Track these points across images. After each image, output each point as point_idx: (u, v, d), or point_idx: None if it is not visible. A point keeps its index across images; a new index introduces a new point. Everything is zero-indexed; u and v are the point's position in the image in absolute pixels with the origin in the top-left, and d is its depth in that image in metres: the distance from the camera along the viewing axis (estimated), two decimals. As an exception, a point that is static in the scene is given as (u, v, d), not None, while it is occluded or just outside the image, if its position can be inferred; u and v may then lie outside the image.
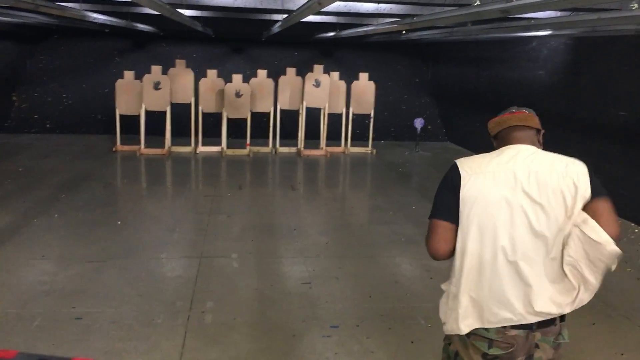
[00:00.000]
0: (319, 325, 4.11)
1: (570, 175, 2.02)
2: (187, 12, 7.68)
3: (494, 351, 2.04)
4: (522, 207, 2.00)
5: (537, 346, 2.08)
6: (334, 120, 11.51)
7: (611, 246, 1.96)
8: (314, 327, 4.07)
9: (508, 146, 2.15)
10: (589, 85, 8.02)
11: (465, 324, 2.07)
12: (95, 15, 7.46)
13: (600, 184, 2.08)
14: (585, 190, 2.02)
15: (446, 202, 2.10)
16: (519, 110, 2.20)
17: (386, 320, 4.22)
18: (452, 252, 2.10)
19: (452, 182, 2.10)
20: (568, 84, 8.52)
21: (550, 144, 2.16)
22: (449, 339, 2.19)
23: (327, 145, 11.26)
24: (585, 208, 2.02)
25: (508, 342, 2.04)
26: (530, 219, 2.00)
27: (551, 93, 8.86)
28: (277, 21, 8.45)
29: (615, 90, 7.47)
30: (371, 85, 11.31)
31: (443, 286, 2.21)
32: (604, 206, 2.04)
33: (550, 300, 2.02)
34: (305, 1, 5.13)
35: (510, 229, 2.01)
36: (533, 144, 2.15)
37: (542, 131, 2.21)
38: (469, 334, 2.08)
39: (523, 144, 2.13)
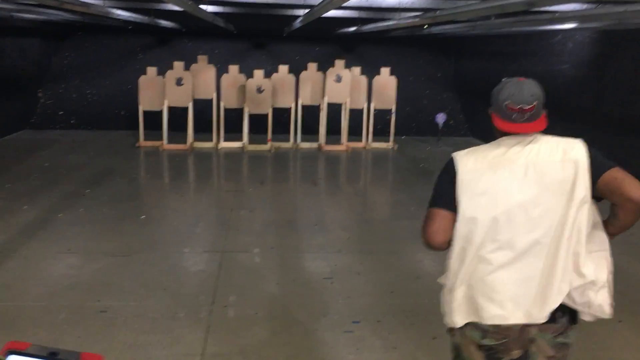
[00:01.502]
0: (340, 320, 4.11)
1: (570, 163, 1.96)
2: (209, 8, 7.72)
3: (487, 341, 2.03)
4: (521, 200, 1.96)
5: (532, 341, 2.03)
6: (355, 115, 11.48)
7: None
8: (335, 323, 4.07)
9: (504, 138, 2.09)
10: (615, 79, 7.89)
11: (460, 317, 2.06)
12: (118, 12, 7.54)
13: (604, 157, 1.99)
14: (586, 174, 1.94)
15: (444, 193, 2.07)
16: (529, 105, 2.01)
17: (408, 316, 4.20)
18: (448, 244, 2.07)
19: (449, 175, 2.07)
20: (594, 78, 8.38)
21: (576, 137, 2.09)
22: (451, 331, 2.18)
23: (348, 140, 11.24)
24: (600, 186, 1.94)
25: (501, 333, 2.01)
26: (530, 211, 1.96)
27: (577, 87, 8.73)
28: (298, 16, 8.45)
29: (642, 84, 7.34)
30: (393, 80, 11.25)
31: (439, 280, 2.19)
32: (617, 174, 1.94)
33: (552, 301, 1.97)
34: (327, -4, 5.12)
35: (509, 223, 1.96)
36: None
37: (542, 128, 2.08)
38: (464, 325, 2.07)
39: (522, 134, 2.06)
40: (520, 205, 1.96)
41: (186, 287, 4.62)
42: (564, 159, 1.97)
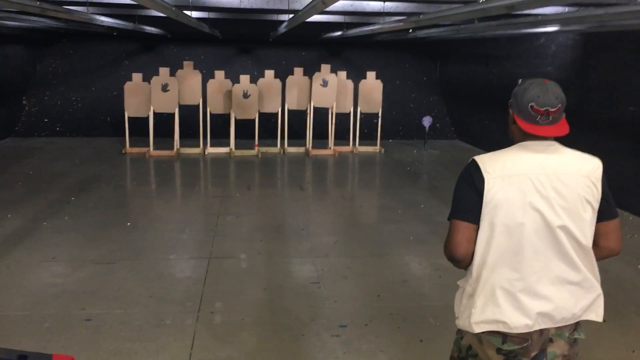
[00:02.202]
0: (327, 324, 4.11)
1: (589, 181, 2.02)
2: (194, 14, 7.72)
3: (508, 346, 2.02)
4: (544, 211, 1.97)
5: (551, 340, 2.07)
6: (342, 119, 11.51)
7: None
8: (322, 327, 4.07)
9: (527, 143, 2.05)
10: (597, 81, 7.97)
11: (479, 327, 2.05)
12: (102, 18, 7.51)
13: (612, 199, 2.09)
14: (596, 204, 2.04)
15: (468, 203, 2.02)
16: (554, 108, 1.99)
17: (395, 319, 4.21)
18: (472, 256, 2.06)
19: (474, 184, 2.01)
20: (577, 80, 8.46)
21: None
22: (461, 332, 2.17)
23: (335, 144, 11.26)
24: (597, 226, 2.07)
25: (523, 337, 2.02)
26: (552, 224, 1.97)
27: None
28: (283, 21, 8.46)
29: (624, 85, 7.41)
30: (379, 84, 11.30)
31: (459, 282, 2.19)
32: (616, 226, 2.10)
33: (572, 307, 2.04)
34: (310, 1, 5.13)
35: (532, 234, 1.98)
36: (552, 137, 2.07)
37: (565, 133, 2.08)
38: None
39: (543, 140, 2.05)
40: (543, 216, 1.97)
41: (172, 294, 4.60)
42: (585, 174, 2.02)
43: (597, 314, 2.11)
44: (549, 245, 1.99)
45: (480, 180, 2.00)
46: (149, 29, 10.06)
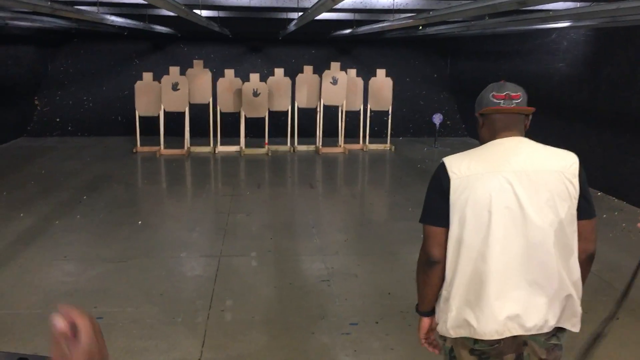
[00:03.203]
0: (338, 322, 4.10)
1: (564, 177, 1.95)
2: (204, 13, 7.73)
3: (479, 346, 1.99)
4: (513, 210, 1.92)
5: (525, 343, 2.00)
6: (352, 117, 11.49)
7: None
8: (333, 325, 4.07)
9: (496, 141, 2.03)
10: (610, 77, 7.89)
11: (454, 331, 2.02)
12: (113, 17, 7.54)
13: (590, 197, 2.02)
14: (574, 202, 1.96)
15: (436, 207, 2.02)
16: (515, 92, 2.02)
17: (406, 317, 4.19)
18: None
19: (441, 185, 2.01)
20: (589, 76, 8.39)
21: (572, 136, 2.08)
22: (443, 338, 2.14)
23: (345, 142, 11.25)
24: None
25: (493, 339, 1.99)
26: (522, 223, 1.92)
27: (572, 85, 8.73)
28: (293, 19, 8.46)
29: (637, 81, 7.34)
30: (389, 82, 11.26)
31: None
32: (593, 226, 2.03)
33: (545, 312, 1.95)
34: (319, -2, 5.12)
35: (501, 234, 1.92)
36: (521, 133, 2.05)
37: (533, 110, 2.07)
38: None
39: (512, 135, 2.03)
40: (512, 216, 1.92)
41: (183, 292, 4.61)
42: (559, 171, 1.95)
43: (572, 323, 2.01)
44: (518, 247, 1.92)
45: (447, 180, 2.00)
46: (159, 28, 10.09)
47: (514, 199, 1.92)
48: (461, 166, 2.00)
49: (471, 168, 1.98)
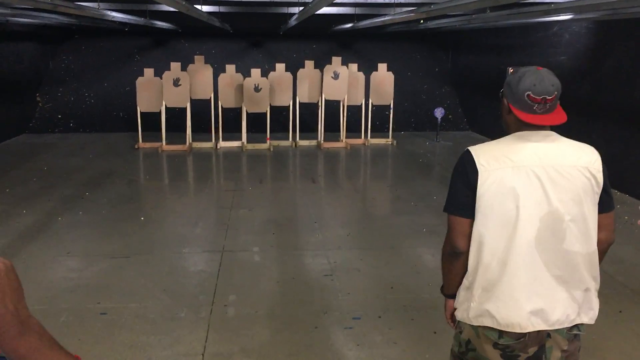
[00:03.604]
0: (341, 317, 4.11)
1: (589, 172, 1.96)
2: (205, 8, 7.72)
3: (504, 340, 1.98)
4: (540, 205, 1.92)
5: (548, 336, 1.99)
6: (354, 112, 11.48)
7: None
8: (335, 319, 4.07)
9: (524, 134, 2.01)
10: (612, 70, 7.87)
11: (477, 320, 2.02)
12: (113, 13, 7.53)
13: (610, 188, 2.03)
14: (596, 197, 1.98)
15: (462, 197, 2.01)
16: (551, 95, 1.94)
17: (408, 311, 4.20)
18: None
19: (467, 177, 1.98)
20: (591, 69, 8.36)
21: (574, 130, 2.07)
22: (460, 327, 2.14)
23: (347, 137, 11.24)
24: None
25: (519, 332, 1.98)
26: (549, 218, 1.92)
27: (574, 78, 8.71)
28: (293, 14, 8.44)
29: (639, 73, 7.31)
30: (390, 76, 11.24)
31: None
32: (611, 219, 2.06)
33: (567, 306, 1.96)
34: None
35: (528, 228, 1.92)
36: (549, 127, 2.03)
37: (564, 121, 2.03)
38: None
39: (539, 128, 2.00)
40: (539, 209, 1.93)
41: (186, 288, 4.62)
42: (584, 166, 1.96)
43: (589, 317, 2.02)
44: (544, 241, 1.93)
45: (474, 172, 1.97)
46: (160, 23, 10.08)
47: (542, 193, 1.92)
48: (489, 158, 1.97)
49: (500, 161, 1.96)
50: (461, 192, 2.02)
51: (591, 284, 2.00)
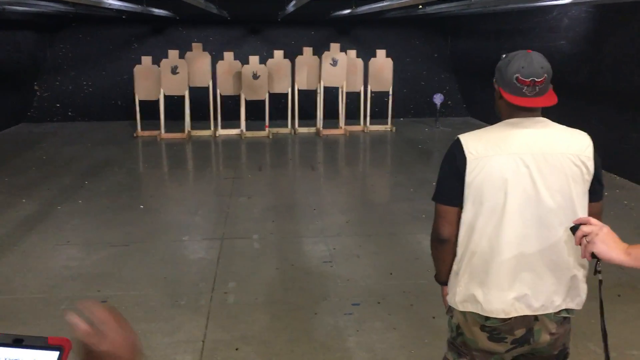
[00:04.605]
0: (340, 303, 4.13)
1: (579, 160, 1.95)
2: (201, -5, 7.65)
3: (491, 323, 2.01)
4: (528, 192, 1.93)
5: (536, 319, 2.01)
6: (353, 98, 11.45)
7: None
8: (335, 305, 4.09)
9: (514, 121, 2.01)
10: (612, 54, 7.84)
11: (462, 305, 2.05)
12: (110, 1, 7.48)
13: (602, 177, 2.04)
14: (586, 184, 1.99)
15: (449, 185, 2.03)
16: (540, 78, 1.93)
17: (408, 296, 4.22)
18: (456, 236, 2.07)
19: (456, 165, 1.99)
20: (590, 53, 8.33)
21: (573, 114, 2.07)
22: (451, 311, 2.16)
23: (346, 124, 11.22)
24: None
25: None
26: (536, 206, 1.93)
27: (573, 63, 8.68)
28: (291, 0, 8.38)
29: (639, 57, 7.28)
30: (389, 62, 11.20)
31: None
32: (600, 208, 2.07)
33: (553, 292, 1.98)
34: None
35: (516, 216, 1.94)
36: (539, 111, 2.03)
37: (555, 103, 2.02)
38: None
39: (531, 115, 2.00)
40: (527, 197, 1.93)
41: (186, 275, 4.64)
42: (574, 153, 1.96)
43: (576, 303, 2.04)
44: (531, 228, 1.94)
45: (463, 160, 1.98)
46: (157, 11, 10.01)
47: (530, 182, 1.93)
48: (478, 146, 1.98)
49: (488, 148, 1.97)
50: (449, 180, 2.04)
51: (579, 270, 2.01)
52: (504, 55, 2.09)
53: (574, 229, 1.76)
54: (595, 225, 1.70)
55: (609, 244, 1.68)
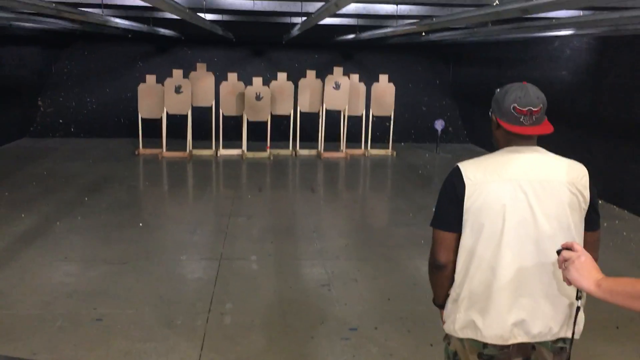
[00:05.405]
0: (337, 327, 4.10)
1: (575, 188, 1.98)
2: (208, 16, 7.74)
3: (489, 351, 2.02)
4: (526, 219, 1.95)
5: (533, 347, 2.02)
6: (354, 122, 11.50)
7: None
8: (332, 330, 4.06)
9: (512, 149, 2.04)
10: (612, 85, 7.90)
11: (461, 331, 2.06)
12: (117, 20, 7.55)
13: (598, 207, 2.07)
14: (582, 213, 2.01)
15: (448, 211, 2.05)
16: (536, 107, 1.97)
17: (405, 322, 4.19)
18: (454, 262, 2.08)
19: (455, 191, 2.02)
20: (591, 84, 8.39)
21: (573, 144, 2.09)
22: (448, 338, 2.17)
23: (347, 147, 11.25)
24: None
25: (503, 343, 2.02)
26: (534, 232, 1.95)
27: (574, 93, 8.74)
28: (296, 24, 8.47)
29: (639, 89, 7.33)
30: (391, 87, 11.28)
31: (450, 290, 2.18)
32: (598, 237, 2.09)
33: (550, 319, 1.99)
34: (323, 3, 5.14)
35: (514, 241, 1.95)
36: (535, 141, 2.06)
37: (551, 131, 2.06)
38: None
39: (527, 144, 2.04)
40: (525, 225, 1.95)
41: (183, 295, 4.61)
42: (571, 183, 1.98)
43: (574, 331, 2.02)
44: (529, 255, 1.96)
45: (462, 186, 2.01)
46: (163, 31, 10.11)
47: (528, 208, 1.96)
48: (477, 173, 2.01)
49: (487, 175, 2.00)
50: (447, 206, 2.06)
51: (574, 299, 2.00)
52: (498, 89, 2.13)
53: (559, 252, 1.78)
54: (575, 252, 1.72)
55: (581, 273, 1.69)
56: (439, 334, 2.26)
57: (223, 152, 10.91)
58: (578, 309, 1.90)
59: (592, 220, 2.04)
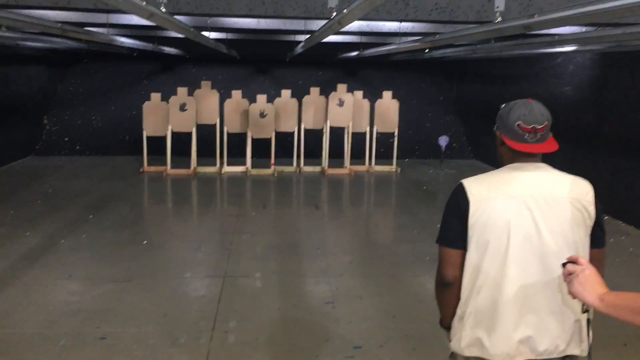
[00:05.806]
0: (342, 345, 4.07)
1: (580, 205, 1.98)
2: (212, 35, 7.80)
3: None
4: (531, 235, 1.95)
5: None
6: (358, 139, 11.52)
7: None
8: (337, 348, 4.03)
9: (516, 165, 2.04)
10: (616, 101, 7.90)
11: (468, 349, 2.04)
12: (122, 39, 7.63)
13: (604, 223, 2.05)
14: (590, 223, 2.00)
15: (452, 228, 2.05)
16: (541, 125, 1.97)
17: (410, 340, 4.16)
18: (461, 278, 2.07)
19: (459, 207, 2.02)
20: (595, 100, 8.40)
21: (578, 160, 2.09)
22: (454, 357, 2.15)
23: (351, 164, 11.26)
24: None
25: None
26: (539, 248, 1.94)
27: (578, 109, 8.74)
28: (300, 42, 8.53)
29: (643, 105, 7.33)
30: (395, 104, 11.31)
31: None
32: (604, 255, 2.07)
33: (556, 337, 1.97)
34: (326, 21, 5.17)
35: (518, 258, 1.95)
36: (540, 157, 2.06)
37: (556, 149, 2.06)
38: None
39: (532, 160, 2.03)
40: (530, 240, 1.95)
41: (187, 313, 4.59)
42: (575, 199, 1.98)
43: (581, 349, 2.02)
44: (534, 271, 1.95)
45: (466, 203, 2.01)
46: (168, 49, 10.20)
47: (532, 224, 1.95)
48: (481, 189, 2.02)
49: (491, 191, 2.00)
50: (452, 223, 2.06)
51: (582, 315, 1.99)
52: (503, 105, 2.13)
53: (564, 265, 1.77)
54: (580, 266, 1.71)
55: (585, 286, 1.69)
56: (445, 352, 2.24)
57: (227, 169, 10.93)
58: (589, 321, 1.88)
59: (597, 237, 2.03)
